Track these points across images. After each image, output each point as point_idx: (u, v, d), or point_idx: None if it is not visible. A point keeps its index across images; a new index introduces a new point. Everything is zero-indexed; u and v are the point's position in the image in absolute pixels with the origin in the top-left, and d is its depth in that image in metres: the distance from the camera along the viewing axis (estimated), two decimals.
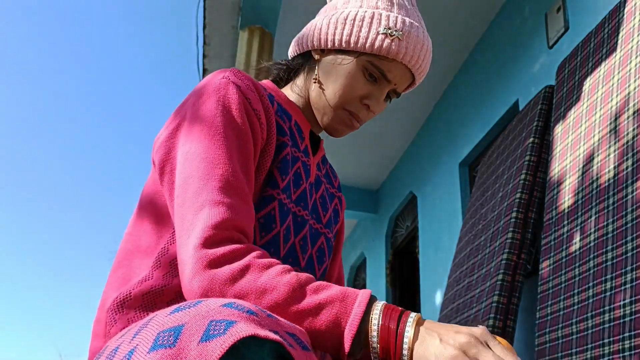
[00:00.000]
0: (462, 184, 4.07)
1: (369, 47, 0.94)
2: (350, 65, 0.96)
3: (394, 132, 5.00)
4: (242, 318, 0.59)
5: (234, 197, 0.81)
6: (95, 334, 0.88)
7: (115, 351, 0.66)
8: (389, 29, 0.94)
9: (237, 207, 0.80)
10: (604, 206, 1.93)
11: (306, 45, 1.02)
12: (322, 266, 1.01)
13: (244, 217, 0.81)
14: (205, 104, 0.87)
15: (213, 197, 0.79)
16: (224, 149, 0.83)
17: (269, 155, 0.91)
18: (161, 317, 0.63)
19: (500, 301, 2.37)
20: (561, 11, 2.90)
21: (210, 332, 0.57)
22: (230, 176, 0.81)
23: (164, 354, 0.57)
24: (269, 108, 0.93)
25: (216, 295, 0.74)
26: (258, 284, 0.74)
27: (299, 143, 1.00)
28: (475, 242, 2.89)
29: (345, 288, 0.76)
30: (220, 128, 0.84)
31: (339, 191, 1.14)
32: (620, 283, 1.73)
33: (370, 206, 6.07)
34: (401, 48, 0.94)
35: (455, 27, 3.77)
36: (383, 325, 0.73)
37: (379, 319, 0.73)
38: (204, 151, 0.83)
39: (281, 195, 0.91)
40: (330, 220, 1.06)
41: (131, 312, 0.84)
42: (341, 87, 0.96)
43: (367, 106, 0.98)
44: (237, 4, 3.62)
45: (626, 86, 2.01)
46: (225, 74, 0.91)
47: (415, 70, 0.98)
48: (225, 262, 0.75)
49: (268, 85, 1.03)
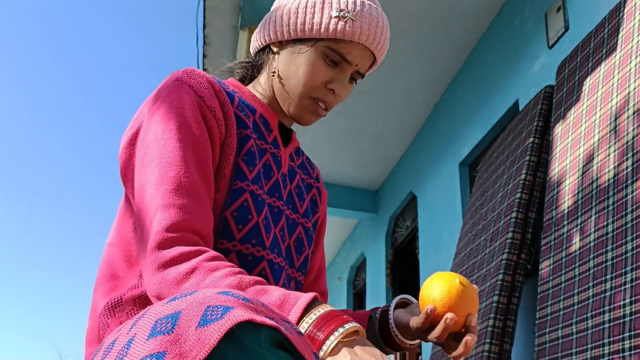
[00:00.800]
0: (462, 184, 4.07)
1: (324, 32, 0.94)
2: (309, 53, 0.96)
3: (394, 132, 5.00)
4: (238, 304, 0.60)
5: (187, 198, 0.82)
6: (89, 341, 0.88)
7: (113, 344, 0.66)
8: (341, 11, 0.94)
9: (190, 208, 0.81)
10: (604, 206, 1.93)
11: (264, 40, 1.02)
12: (301, 256, 1.02)
13: (197, 217, 0.81)
14: (159, 109, 0.88)
15: (165, 201, 0.81)
16: (178, 151, 0.84)
17: (231, 149, 0.91)
18: (158, 307, 0.64)
19: (500, 301, 2.37)
20: (561, 11, 2.90)
21: (208, 317, 0.58)
22: (183, 177, 0.83)
23: (163, 340, 0.57)
24: (226, 102, 0.93)
25: (166, 297, 0.76)
26: (201, 287, 0.74)
27: (265, 135, 1.00)
28: (475, 242, 2.89)
29: (286, 294, 0.75)
30: (173, 131, 0.85)
31: (317, 182, 1.13)
32: (620, 283, 1.73)
33: (370, 206, 6.07)
34: (356, 29, 0.93)
35: (455, 27, 3.77)
36: (310, 332, 0.72)
37: (310, 325, 0.72)
38: (159, 156, 0.84)
39: (252, 187, 0.92)
40: (307, 211, 1.06)
41: (123, 315, 0.85)
42: (304, 76, 0.96)
43: (332, 91, 0.98)
44: (237, 4, 3.62)
45: (626, 86, 2.01)
46: (178, 76, 0.92)
47: (374, 48, 0.97)
48: (173, 265, 0.77)
49: (231, 83, 1.03)
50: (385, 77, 4.26)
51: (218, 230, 0.88)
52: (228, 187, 0.90)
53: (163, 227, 0.79)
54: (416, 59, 4.06)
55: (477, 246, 2.85)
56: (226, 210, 0.89)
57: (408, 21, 3.70)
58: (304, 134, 4.92)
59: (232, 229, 0.89)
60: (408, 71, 4.19)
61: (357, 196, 6.05)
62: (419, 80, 4.30)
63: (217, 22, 3.73)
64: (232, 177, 0.91)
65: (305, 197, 1.07)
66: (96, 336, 0.86)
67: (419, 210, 4.83)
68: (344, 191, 6.00)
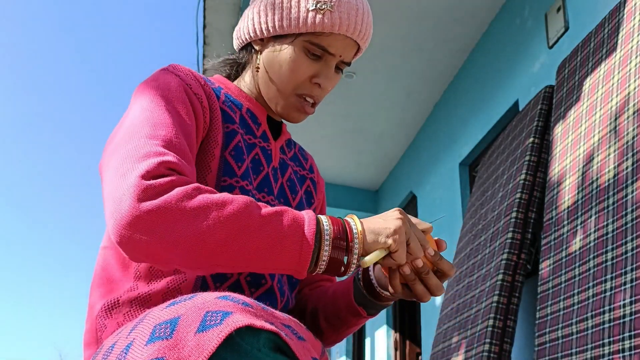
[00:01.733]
0: (462, 184, 4.06)
1: (303, 26, 0.92)
2: (290, 49, 0.94)
3: (394, 132, 5.00)
4: (237, 309, 0.59)
5: (181, 156, 0.78)
6: (87, 343, 0.87)
7: (112, 348, 0.65)
8: (317, 3, 0.91)
9: (182, 163, 0.77)
10: (604, 206, 1.93)
11: (245, 39, 1.01)
12: None
13: (188, 172, 0.77)
14: (145, 92, 0.86)
15: (157, 150, 0.75)
16: (168, 114, 0.82)
17: (216, 142, 0.90)
18: (157, 312, 0.63)
19: (500, 301, 2.37)
20: (561, 11, 2.90)
21: (207, 322, 0.58)
22: (174, 138, 0.79)
23: (161, 345, 0.57)
24: (212, 96, 0.93)
25: (173, 212, 0.68)
26: (214, 198, 0.71)
27: (254, 129, 0.99)
28: (475, 242, 2.89)
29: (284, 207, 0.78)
30: (161, 105, 0.83)
31: (311, 172, 1.12)
32: (620, 283, 1.73)
33: (370, 206, 6.07)
34: (334, 20, 0.91)
35: (455, 27, 3.77)
36: (333, 220, 0.78)
37: (327, 219, 0.78)
38: (147, 117, 0.80)
39: (241, 183, 0.90)
40: (301, 203, 1.04)
41: (120, 316, 0.84)
42: (288, 74, 0.94)
43: (318, 85, 0.96)
44: (237, 4, 3.62)
45: (626, 86, 2.01)
46: (164, 68, 0.92)
47: (356, 37, 0.95)
48: (173, 187, 0.70)
49: (217, 79, 1.02)
50: (385, 77, 4.26)
51: None
52: (216, 182, 0.88)
53: (156, 163, 0.72)
54: (416, 59, 4.05)
55: (477, 246, 2.85)
56: None
57: (408, 21, 3.70)
58: (304, 134, 4.92)
59: None
60: (408, 71, 4.19)
61: (357, 196, 6.05)
62: (419, 80, 4.30)
63: (217, 22, 3.73)
64: (219, 172, 0.89)
65: (299, 190, 1.05)
66: (94, 338, 0.86)
67: (419, 210, 4.83)
68: (344, 191, 6.00)
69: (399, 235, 0.76)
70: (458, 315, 2.76)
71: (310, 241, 0.73)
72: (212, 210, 0.69)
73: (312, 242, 0.73)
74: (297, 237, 0.73)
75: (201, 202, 0.70)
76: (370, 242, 0.77)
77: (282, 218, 0.73)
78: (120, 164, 0.73)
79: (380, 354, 5.71)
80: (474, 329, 2.48)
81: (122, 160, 0.74)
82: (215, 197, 0.71)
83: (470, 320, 2.57)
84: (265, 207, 0.75)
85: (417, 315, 5.14)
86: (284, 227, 0.73)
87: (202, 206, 0.70)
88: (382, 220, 0.78)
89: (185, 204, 0.69)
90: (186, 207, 0.69)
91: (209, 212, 0.69)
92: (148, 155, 0.73)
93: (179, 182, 0.72)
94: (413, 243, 0.78)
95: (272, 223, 0.72)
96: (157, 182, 0.70)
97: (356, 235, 0.77)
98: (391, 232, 0.76)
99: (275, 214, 0.74)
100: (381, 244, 0.77)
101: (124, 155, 0.74)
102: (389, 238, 0.76)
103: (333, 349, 8.03)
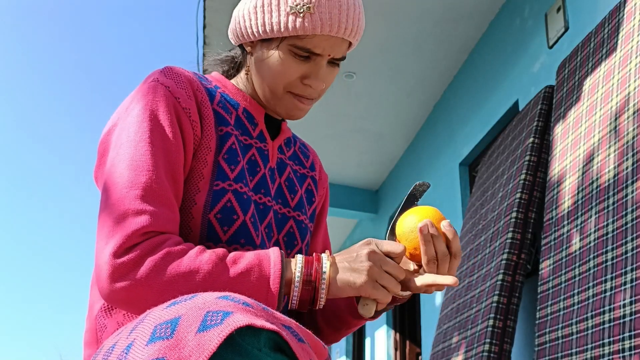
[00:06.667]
0: (462, 184, 4.06)
1: (284, 30, 0.89)
2: (277, 53, 0.92)
3: (394, 132, 5.00)
4: (238, 309, 0.60)
5: (157, 204, 0.81)
6: (87, 343, 0.87)
7: (113, 348, 0.65)
8: (296, 5, 0.88)
9: (159, 215, 0.80)
10: (604, 206, 1.93)
11: (236, 40, 1.01)
12: (293, 250, 1.00)
13: (165, 224, 0.81)
14: (134, 109, 0.87)
15: (135, 206, 0.79)
16: (149, 155, 0.83)
17: (209, 148, 0.90)
18: (157, 311, 0.63)
19: (500, 301, 2.37)
20: (561, 11, 2.90)
21: (207, 322, 0.58)
22: (154, 183, 0.81)
23: (162, 345, 0.57)
24: (204, 101, 0.92)
25: (144, 289, 0.75)
26: (182, 268, 0.77)
27: (250, 130, 0.98)
28: (475, 242, 2.89)
29: (258, 253, 0.82)
30: (146, 134, 0.84)
31: (312, 170, 1.10)
32: (620, 283, 1.73)
33: (370, 206, 6.07)
34: (315, 21, 0.88)
35: (455, 27, 3.77)
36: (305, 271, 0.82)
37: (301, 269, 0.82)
38: (130, 158, 0.83)
39: (235, 185, 0.90)
40: (301, 202, 1.03)
41: (120, 316, 0.84)
42: (277, 76, 0.93)
43: (309, 85, 0.94)
44: (237, 4, 3.61)
45: (626, 86, 2.01)
46: (155, 77, 0.90)
47: (343, 34, 0.91)
48: (143, 261, 0.76)
49: (215, 77, 1.02)
50: (385, 77, 4.26)
51: (203, 234, 0.87)
52: (209, 187, 0.88)
53: (131, 231, 0.77)
54: (416, 59, 4.05)
55: (477, 246, 2.85)
56: (209, 213, 0.87)
57: (408, 21, 3.70)
58: (304, 134, 4.92)
59: (217, 231, 0.87)
60: (408, 71, 4.19)
61: (357, 196, 6.05)
62: (419, 80, 4.30)
63: (217, 22, 3.73)
64: (212, 177, 0.89)
65: (298, 189, 1.04)
66: (94, 338, 0.86)
67: None
68: (344, 191, 6.00)
69: (369, 287, 0.82)
70: (458, 315, 2.76)
71: (275, 299, 0.79)
72: (179, 284, 0.76)
73: (276, 301, 0.79)
74: (262, 294, 0.78)
75: (169, 276, 0.76)
76: (336, 290, 0.82)
77: (249, 277, 0.78)
78: (102, 225, 0.80)
79: (380, 354, 5.71)
80: (474, 329, 2.48)
81: (104, 219, 0.80)
82: (183, 267, 0.77)
83: (470, 320, 2.57)
84: (235, 263, 0.79)
85: (417, 315, 5.14)
86: (252, 285, 0.78)
87: (169, 280, 0.76)
88: (349, 272, 0.82)
89: (153, 281, 0.75)
90: (154, 285, 0.75)
91: (177, 286, 0.76)
92: (125, 217, 0.78)
93: (149, 251, 0.77)
94: (385, 282, 0.83)
95: (238, 286, 0.77)
96: (128, 257, 0.76)
97: (324, 281, 0.81)
98: (361, 284, 0.82)
99: (241, 274, 0.78)
100: (352, 293, 0.82)
101: (107, 212, 0.81)
102: (361, 290, 0.82)
103: (333, 349, 8.03)
